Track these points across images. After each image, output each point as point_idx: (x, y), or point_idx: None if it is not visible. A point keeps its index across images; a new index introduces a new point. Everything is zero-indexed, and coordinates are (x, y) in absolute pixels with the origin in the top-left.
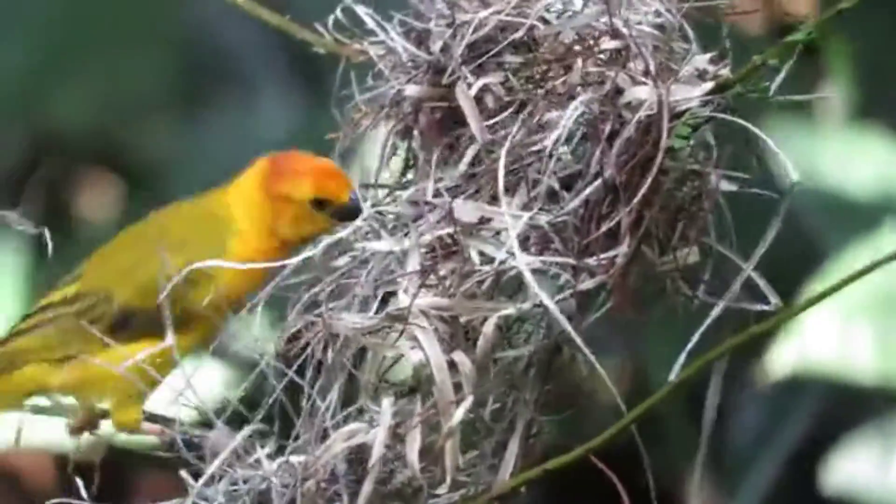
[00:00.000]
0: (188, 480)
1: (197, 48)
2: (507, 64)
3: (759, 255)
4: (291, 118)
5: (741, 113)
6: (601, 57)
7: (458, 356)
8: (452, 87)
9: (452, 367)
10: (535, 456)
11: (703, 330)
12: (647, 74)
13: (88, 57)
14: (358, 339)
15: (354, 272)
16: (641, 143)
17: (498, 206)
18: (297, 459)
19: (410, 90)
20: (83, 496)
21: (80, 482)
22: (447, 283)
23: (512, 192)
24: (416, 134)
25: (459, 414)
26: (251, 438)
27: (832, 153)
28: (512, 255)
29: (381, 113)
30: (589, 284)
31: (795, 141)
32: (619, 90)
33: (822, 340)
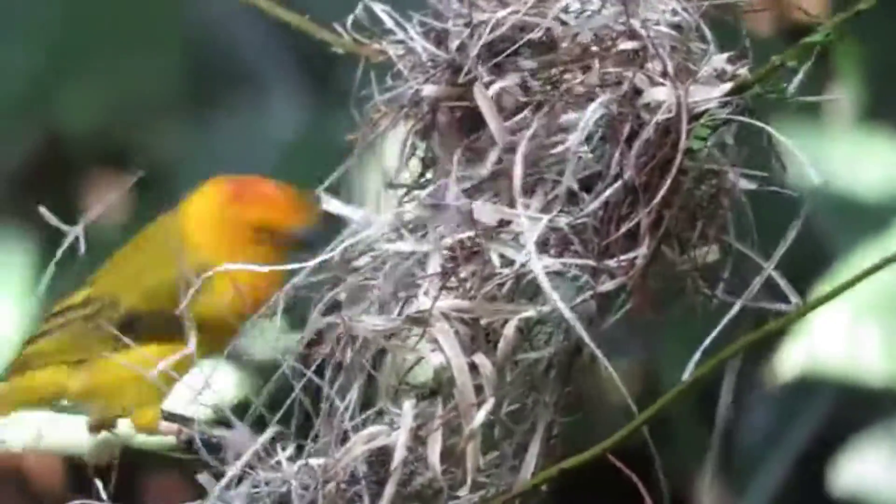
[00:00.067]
0: (208, 482)
1: (205, 49)
2: (524, 64)
3: (779, 254)
4: (300, 119)
5: (753, 114)
6: (619, 57)
7: (478, 358)
8: (470, 86)
9: (473, 369)
10: (555, 457)
11: (719, 329)
12: (664, 75)
13: (96, 58)
14: (378, 341)
15: (374, 273)
16: (660, 144)
17: (516, 207)
18: (316, 462)
19: (428, 90)
20: (102, 497)
21: (99, 483)
22: (468, 285)
23: (531, 193)
24: (435, 134)
25: (481, 416)
26: (272, 440)
27: (841, 154)
28: (529, 258)
29: (400, 113)
30: (609, 286)
31: (804, 142)
32: (637, 91)
33: (830, 342)
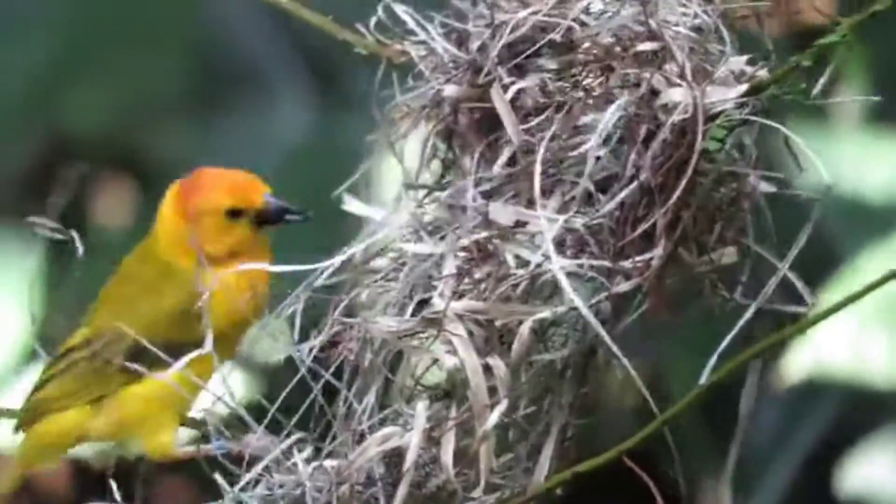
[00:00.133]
0: (223, 485)
1: (212, 50)
2: (544, 65)
3: (793, 255)
4: (307, 120)
5: (769, 115)
6: (638, 58)
7: (492, 360)
8: (490, 87)
9: (487, 370)
10: (569, 459)
11: (735, 332)
12: (682, 76)
13: (104, 60)
14: (393, 342)
15: (391, 274)
16: (677, 145)
17: (534, 208)
18: (330, 464)
19: (449, 90)
20: (116, 498)
21: (114, 486)
22: (482, 286)
23: (548, 194)
24: (455, 134)
25: (494, 418)
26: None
27: (848, 156)
28: (547, 258)
29: (421, 113)
30: (624, 287)
31: (811, 144)
32: (654, 92)
33: (837, 345)
